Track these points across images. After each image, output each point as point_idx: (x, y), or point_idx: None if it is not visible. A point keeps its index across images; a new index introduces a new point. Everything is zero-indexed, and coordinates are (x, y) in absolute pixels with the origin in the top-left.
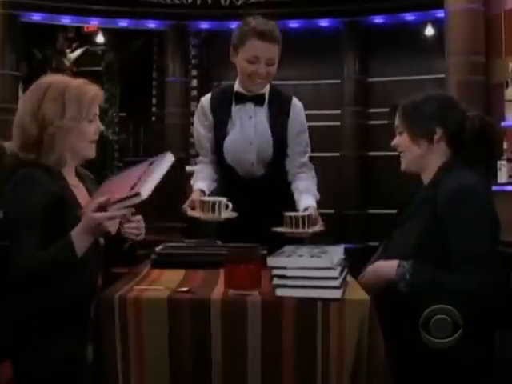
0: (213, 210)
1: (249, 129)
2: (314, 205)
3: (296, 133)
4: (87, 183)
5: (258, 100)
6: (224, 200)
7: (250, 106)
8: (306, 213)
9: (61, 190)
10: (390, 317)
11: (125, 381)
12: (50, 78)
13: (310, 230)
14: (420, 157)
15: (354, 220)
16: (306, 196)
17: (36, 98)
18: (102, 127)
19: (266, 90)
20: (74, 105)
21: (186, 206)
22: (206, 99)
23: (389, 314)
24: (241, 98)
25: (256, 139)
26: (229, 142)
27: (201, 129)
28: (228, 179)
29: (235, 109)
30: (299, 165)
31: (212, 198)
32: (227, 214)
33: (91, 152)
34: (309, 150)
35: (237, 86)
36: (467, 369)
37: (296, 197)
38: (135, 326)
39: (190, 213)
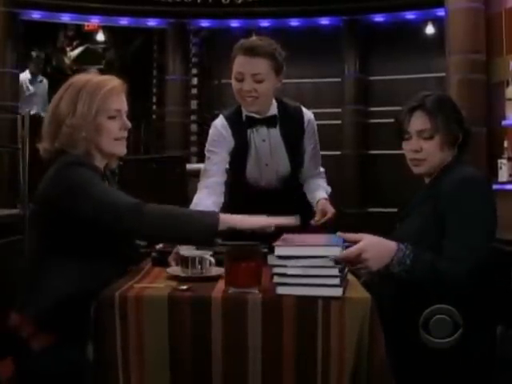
0: (193, 266)
1: (264, 151)
2: (325, 196)
3: (311, 149)
4: (111, 184)
5: (269, 122)
6: (207, 255)
7: (262, 129)
8: None
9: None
10: (389, 316)
11: (125, 379)
12: (75, 77)
13: None
14: (441, 161)
15: (354, 218)
16: (317, 192)
17: (57, 98)
18: (129, 124)
19: (274, 108)
20: (86, 101)
21: (170, 258)
22: (222, 125)
23: (389, 313)
24: (252, 122)
25: (272, 161)
26: (248, 167)
27: (220, 154)
28: (243, 193)
29: (249, 132)
30: (311, 174)
31: (193, 253)
32: (211, 270)
33: (118, 149)
34: (320, 161)
35: (245, 110)
36: (468, 368)
37: (309, 197)
38: (135, 324)
39: (168, 270)
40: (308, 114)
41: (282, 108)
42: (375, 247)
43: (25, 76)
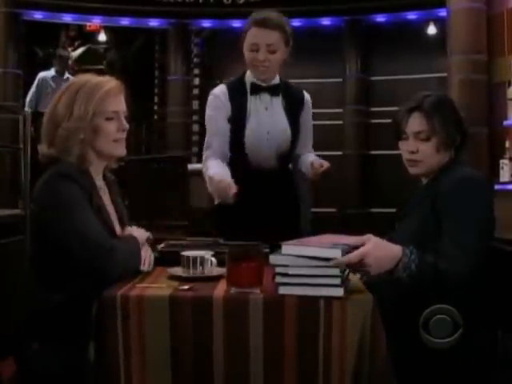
0: (195, 267)
1: (265, 119)
2: (315, 157)
3: (307, 127)
4: (113, 189)
5: (273, 90)
6: (208, 255)
7: (265, 96)
8: None
9: (91, 189)
10: (390, 316)
11: (127, 379)
12: (75, 78)
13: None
14: (438, 163)
15: (355, 219)
16: (310, 158)
17: (55, 99)
18: (127, 125)
19: (278, 79)
20: (83, 103)
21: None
22: (221, 90)
23: (389, 313)
24: (256, 89)
25: (273, 130)
26: (248, 132)
27: (220, 120)
28: (238, 172)
29: (250, 99)
30: (304, 153)
31: (194, 253)
32: (212, 270)
33: (117, 150)
34: (312, 142)
35: (250, 77)
36: (468, 368)
37: (303, 166)
38: (137, 324)
39: (170, 270)
40: (307, 94)
41: (284, 82)
42: (379, 252)
43: (48, 73)
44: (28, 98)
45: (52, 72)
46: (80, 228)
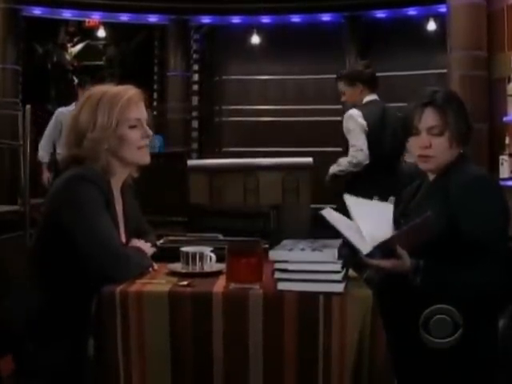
0: (194, 262)
1: None
2: None
3: None
4: (126, 200)
5: None
6: (208, 251)
7: None
8: None
9: (109, 196)
10: (390, 315)
11: (126, 375)
12: (93, 89)
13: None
14: (450, 157)
15: None
16: None
17: (76, 111)
18: (151, 132)
19: None
20: (105, 113)
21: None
22: None
23: (390, 312)
24: None
25: None
26: None
27: None
28: None
29: None
30: None
31: (193, 249)
32: (212, 266)
33: (142, 158)
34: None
35: None
36: (468, 367)
37: None
38: (136, 320)
39: (169, 266)
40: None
41: None
42: (403, 267)
43: (67, 109)
44: (42, 141)
45: (73, 106)
46: (100, 235)
